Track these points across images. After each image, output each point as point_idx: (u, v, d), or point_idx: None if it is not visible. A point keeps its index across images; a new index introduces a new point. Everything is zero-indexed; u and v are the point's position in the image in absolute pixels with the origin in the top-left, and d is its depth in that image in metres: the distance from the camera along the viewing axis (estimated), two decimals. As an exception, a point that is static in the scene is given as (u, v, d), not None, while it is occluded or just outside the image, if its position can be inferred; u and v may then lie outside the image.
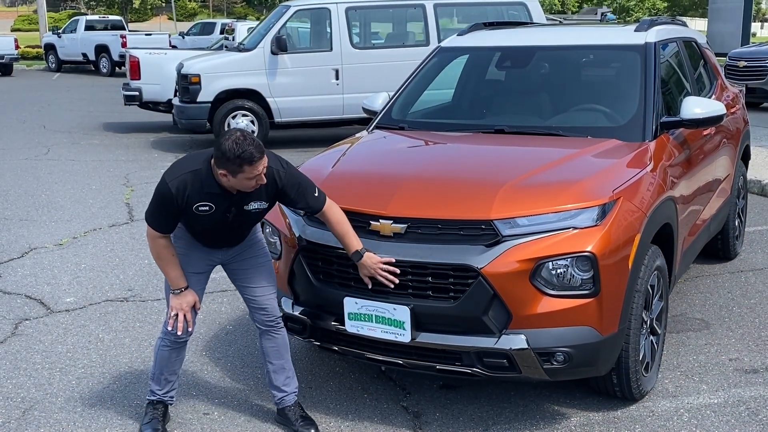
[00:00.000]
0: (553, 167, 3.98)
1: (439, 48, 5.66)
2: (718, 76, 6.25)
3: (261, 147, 3.33)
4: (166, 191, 3.40)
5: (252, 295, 3.76)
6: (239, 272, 3.76)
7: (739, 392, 4.11)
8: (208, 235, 3.59)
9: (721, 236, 6.07)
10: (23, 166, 10.64)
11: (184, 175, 3.40)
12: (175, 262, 3.54)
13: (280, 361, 3.82)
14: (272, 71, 11.59)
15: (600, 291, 3.48)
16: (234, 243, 3.70)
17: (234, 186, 3.38)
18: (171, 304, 3.55)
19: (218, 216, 3.46)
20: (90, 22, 31.03)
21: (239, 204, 3.48)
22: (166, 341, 3.71)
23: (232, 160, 3.26)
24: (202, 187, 3.39)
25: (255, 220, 3.63)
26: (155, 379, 3.79)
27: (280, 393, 3.84)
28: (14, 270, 6.25)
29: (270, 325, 3.78)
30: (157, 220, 3.48)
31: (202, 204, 3.41)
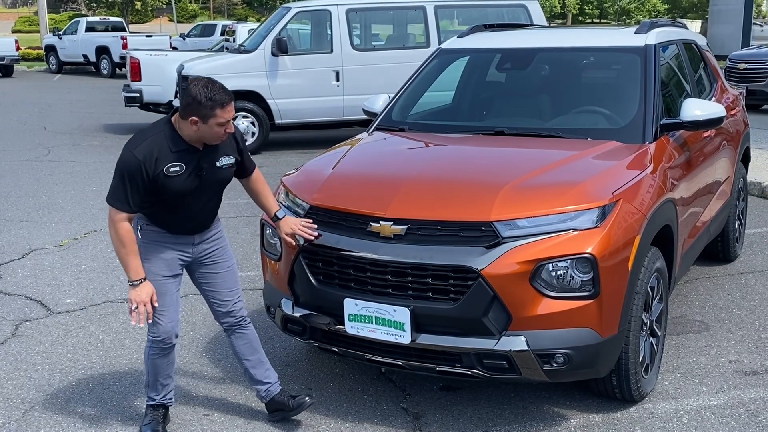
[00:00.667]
0: (554, 169, 3.98)
1: (440, 50, 5.66)
2: (718, 78, 6.26)
3: (230, 92, 3.39)
4: (131, 160, 3.31)
5: (219, 300, 3.75)
6: (208, 275, 3.72)
7: (739, 394, 4.12)
8: (181, 209, 3.49)
9: (721, 238, 6.07)
10: (24, 168, 10.64)
11: (147, 141, 3.36)
12: (136, 251, 3.43)
13: (256, 356, 3.84)
14: (273, 73, 11.60)
15: (600, 293, 3.48)
16: (205, 221, 3.64)
17: (203, 136, 3.37)
18: (130, 297, 3.42)
19: (190, 177, 3.41)
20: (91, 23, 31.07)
21: (209, 161, 3.47)
22: (154, 349, 3.67)
23: (204, 103, 3.28)
24: (169, 147, 3.36)
25: (225, 179, 3.60)
26: (151, 386, 3.77)
27: (264, 386, 3.83)
28: (15, 271, 6.25)
29: (239, 324, 3.80)
30: (122, 197, 3.35)
31: (172, 165, 3.36)
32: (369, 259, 3.64)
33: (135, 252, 3.44)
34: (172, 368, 3.78)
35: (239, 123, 11.52)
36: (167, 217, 3.54)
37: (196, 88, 3.31)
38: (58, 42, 30.49)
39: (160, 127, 3.43)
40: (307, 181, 4.23)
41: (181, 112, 3.36)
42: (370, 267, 3.66)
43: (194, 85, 3.32)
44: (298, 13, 12.02)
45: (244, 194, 3.91)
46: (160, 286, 3.54)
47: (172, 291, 3.61)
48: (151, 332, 3.64)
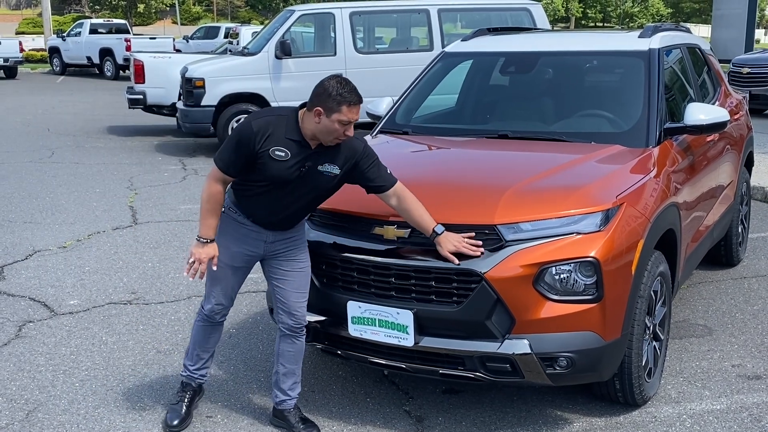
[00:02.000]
0: (557, 172, 3.99)
1: (444, 53, 5.67)
2: (721, 83, 6.26)
3: (360, 96, 3.41)
4: (247, 128, 3.40)
5: (285, 298, 3.73)
6: (279, 271, 3.72)
7: (742, 398, 4.11)
8: (270, 199, 3.51)
9: (724, 242, 6.07)
10: (27, 169, 10.66)
11: (269, 117, 3.46)
12: (217, 214, 3.52)
13: (293, 366, 3.83)
14: (276, 75, 11.62)
15: (603, 296, 3.48)
16: (288, 221, 3.63)
17: (321, 131, 3.39)
18: (192, 251, 3.51)
19: (291, 168, 3.43)
20: (94, 25, 31.14)
21: (314, 161, 3.47)
22: (201, 316, 3.83)
23: (334, 96, 3.33)
24: (284, 132, 3.42)
25: (322, 187, 3.56)
26: (189, 355, 3.92)
27: (284, 396, 3.85)
28: (18, 272, 6.27)
29: (295, 331, 3.77)
30: (226, 158, 3.43)
31: (279, 149, 3.40)
32: (372, 261, 3.65)
33: (216, 212, 3.52)
34: (213, 344, 3.91)
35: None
36: (254, 204, 3.57)
37: (330, 81, 3.37)
38: (62, 44, 30.56)
39: (287, 111, 3.51)
40: (311, 183, 4.23)
41: (309, 102, 3.41)
42: (373, 270, 3.66)
43: (329, 78, 3.39)
44: (302, 16, 12.04)
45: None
46: (218, 271, 3.63)
47: (227, 279, 3.69)
48: (202, 304, 3.81)
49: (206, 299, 3.77)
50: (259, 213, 3.58)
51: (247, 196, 3.57)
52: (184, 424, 3.83)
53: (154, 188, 9.51)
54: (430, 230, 3.53)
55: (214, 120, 11.56)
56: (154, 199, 8.89)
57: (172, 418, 3.84)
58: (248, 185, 3.53)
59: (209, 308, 3.77)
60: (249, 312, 5.42)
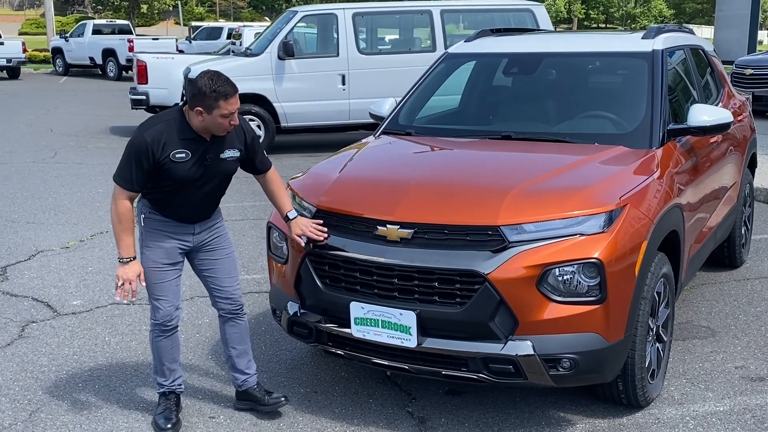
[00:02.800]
0: (560, 174, 3.98)
1: (447, 54, 5.67)
2: (725, 84, 6.25)
3: (234, 85, 3.53)
4: (141, 142, 3.48)
5: (219, 285, 3.86)
6: (207, 261, 3.84)
7: (745, 400, 4.11)
8: (183, 197, 3.63)
9: (728, 244, 6.06)
10: (30, 169, 10.67)
11: (158, 126, 3.53)
12: (131, 230, 3.59)
13: (243, 346, 3.96)
14: (279, 76, 11.62)
15: (606, 298, 3.48)
16: (206, 211, 3.77)
17: (208, 127, 3.52)
18: (118, 274, 3.58)
19: (195, 165, 3.56)
20: (97, 26, 31.17)
21: (215, 151, 3.61)
22: (156, 332, 3.81)
23: (209, 95, 3.43)
24: (178, 134, 3.52)
25: (228, 171, 3.73)
26: (158, 371, 3.90)
27: (244, 375, 3.96)
28: (21, 272, 6.27)
29: (235, 313, 3.92)
30: (127, 176, 3.52)
31: (178, 151, 3.51)
32: (375, 262, 3.65)
33: (130, 230, 3.58)
34: (177, 353, 3.90)
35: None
36: (170, 205, 3.67)
37: (202, 80, 3.46)
38: (64, 44, 30.58)
39: (172, 114, 3.60)
40: (314, 184, 4.24)
41: (189, 103, 3.52)
42: (376, 270, 3.66)
43: (200, 77, 3.50)
44: (305, 17, 12.05)
45: (251, 197, 3.93)
46: (159, 273, 3.71)
47: (171, 278, 3.75)
48: (152, 318, 3.80)
49: (155, 309, 3.76)
50: (177, 211, 3.69)
51: (160, 200, 3.67)
52: (178, 426, 3.82)
53: (157, 189, 9.50)
54: (284, 213, 3.88)
55: (216, 120, 11.55)
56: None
57: (166, 422, 3.79)
58: (158, 191, 3.63)
59: (163, 314, 3.75)
60: (251, 313, 5.42)
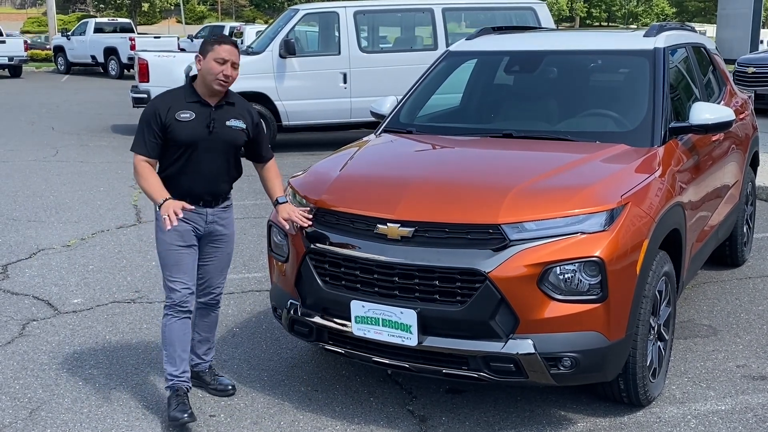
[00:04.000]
0: (562, 172, 3.97)
1: (448, 52, 5.66)
2: (727, 82, 6.24)
3: (235, 42, 3.85)
4: (149, 108, 3.80)
5: (208, 280, 4.03)
6: (206, 252, 3.97)
7: (747, 399, 4.10)
8: (191, 166, 3.79)
9: (729, 242, 6.05)
10: (32, 168, 10.68)
11: (167, 94, 3.86)
12: (157, 180, 3.76)
13: (208, 335, 4.18)
14: (280, 74, 11.61)
15: (608, 296, 3.47)
16: (216, 184, 3.89)
17: (205, 75, 3.76)
18: (161, 213, 3.62)
19: (199, 127, 3.76)
20: (99, 24, 31.19)
21: (220, 118, 3.81)
22: (170, 314, 3.86)
23: (208, 41, 3.81)
24: (184, 98, 3.80)
25: (233, 141, 3.88)
26: (169, 359, 3.89)
27: (199, 359, 4.18)
28: (22, 271, 6.27)
29: (211, 305, 4.12)
30: (140, 140, 3.78)
31: (183, 111, 3.76)
32: (376, 261, 3.64)
33: (157, 181, 3.76)
34: (188, 342, 3.95)
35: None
36: (181, 178, 3.81)
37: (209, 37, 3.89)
38: (66, 43, 30.60)
39: (183, 85, 3.93)
40: (315, 182, 4.23)
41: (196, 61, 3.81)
42: (377, 269, 3.66)
43: None
44: (306, 15, 12.04)
45: (252, 196, 3.93)
46: (175, 255, 3.83)
47: (187, 260, 3.86)
48: (167, 298, 3.87)
49: (171, 290, 3.85)
50: (188, 184, 3.82)
51: (172, 175, 3.82)
52: (194, 417, 3.81)
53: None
54: (274, 198, 4.03)
55: (217, 119, 11.56)
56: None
57: (182, 412, 3.76)
58: (168, 162, 3.82)
59: (179, 295, 3.83)
60: (252, 311, 5.41)
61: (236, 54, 3.80)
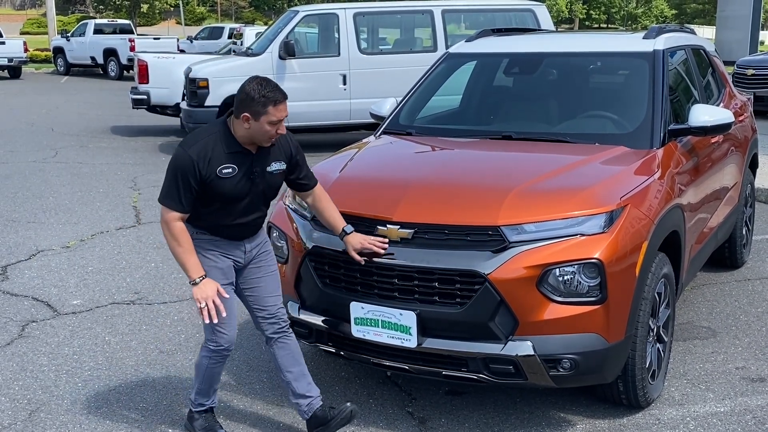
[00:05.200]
0: (561, 174, 3.98)
1: (448, 54, 5.67)
2: (726, 84, 6.25)
3: (283, 91, 3.35)
4: (185, 159, 3.29)
5: (264, 305, 3.63)
6: (251, 279, 3.62)
7: (746, 401, 4.10)
8: (231, 214, 3.43)
9: (729, 244, 6.05)
10: (31, 169, 10.67)
11: (201, 141, 3.33)
12: (192, 249, 3.36)
13: (299, 368, 3.68)
14: (280, 76, 11.60)
15: (607, 298, 3.47)
16: (255, 227, 3.56)
17: (254, 135, 3.33)
18: (195, 296, 3.32)
19: (242, 180, 3.37)
20: (99, 25, 31.15)
21: (261, 164, 3.42)
22: (214, 359, 3.58)
23: (257, 100, 3.26)
24: (223, 149, 3.33)
25: (275, 185, 3.54)
26: (203, 393, 3.70)
27: (306, 400, 3.68)
28: (21, 272, 6.27)
29: (282, 332, 3.66)
30: (174, 196, 3.32)
31: (225, 166, 3.32)
32: (376, 262, 3.64)
33: (191, 250, 3.36)
34: (220, 375, 3.73)
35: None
36: (218, 223, 3.45)
37: (250, 85, 3.29)
38: (66, 44, 30.58)
39: (216, 127, 3.40)
40: (315, 184, 4.22)
41: (235, 110, 3.34)
42: (376, 270, 3.66)
43: (248, 82, 3.31)
44: (306, 17, 12.04)
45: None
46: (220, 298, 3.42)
47: (232, 301, 3.52)
48: (212, 342, 3.54)
49: (218, 335, 3.51)
50: (227, 231, 3.48)
51: (210, 220, 3.45)
52: None
53: (158, 188, 9.41)
54: (339, 229, 3.65)
55: (217, 120, 11.57)
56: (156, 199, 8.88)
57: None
58: (207, 211, 3.42)
59: (227, 339, 3.53)
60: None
61: (287, 106, 3.37)
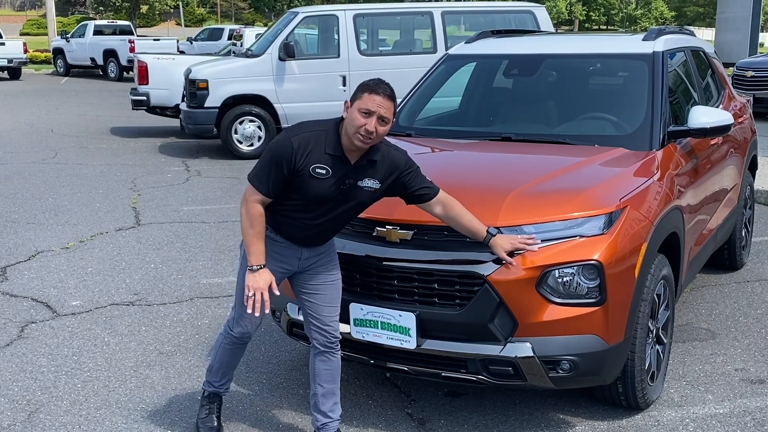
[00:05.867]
0: (560, 175, 3.98)
1: (447, 55, 5.67)
2: (725, 86, 6.25)
3: (392, 92, 3.25)
4: (286, 144, 3.22)
5: (318, 313, 3.54)
6: (309, 286, 3.54)
7: (745, 402, 4.10)
8: (305, 216, 3.35)
9: (728, 246, 6.05)
10: (31, 170, 10.67)
11: (309, 133, 3.27)
12: (263, 235, 3.30)
13: (332, 385, 3.63)
14: (280, 77, 11.62)
15: (606, 299, 3.47)
16: (321, 238, 3.47)
17: (347, 126, 3.22)
18: (248, 284, 3.28)
19: (331, 185, 3.27)
20: (99, 26, 31.16)
21: (355, 177, 3.31)
22: (228, 341, 3.64)
23: (361, 87, 3.23)
24: (324, 147, 3.25)
25: (363, 201, 3.40)
26: (214, 372, 3.75)
27: (326, 419, 3.63)
28: (21, 273, 6.27)
29: (329, 347, 3.58)
30: (264, 178, 3.24)
31: (320, 166, 3.23)
32: (375, 263, 3.64)
33: (261, 235, 3.31)
34: (238, 361, 3.76)
35: (245, 127, 11.57)
36: (290, 221, 3.39)
37: (367, 80, 3.27)
38: (66, 45, 30.59)
39: (327, 125, 3.33)
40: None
41: None
42: (376, 272, 3.66)
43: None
44: (306, 18, 12.05)
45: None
46: None
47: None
48: (229, 328, 3.60)
49: (236, 322, 3.54)
50: (293, 231, 3.41)
51: (281, 214, 3.37)
52: None
53: (157, 189, 9.51)
54: (483, 234, 3.44)
55: (217, 121, 11.58)
56: (157, 200, 8.90)
57: (210, 429, 3.72)
58: (284, 203, 3.34)
59: (240, 331, 3.56)
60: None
61: (389, 106, 3.21)
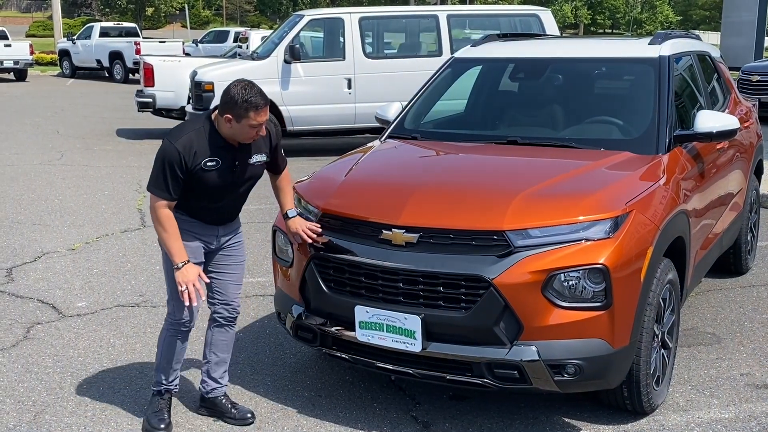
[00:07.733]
0: (566, 179, 3.98)
1: (453, 59, 5.67)
2: (731, 90, 6.24)
3: (266, 97, 3.53)
4: (172, 152, 3.48)
5: (224, 290, 3.88)
6: (219, 265, 3.86)
7: (751, 407, 4.09)
8: (211, 201, 3.66)
9: (733, 250, 6.04)
10: (37, 171, 10.70)
11: (188, 134, 3.54)
12: (177, 235, 3.57)
13: (225, 355, 3.97)
14: (285, 80, 11.64)
15: (612, 303, 3.47)
16: (232, 214, 3.82)
17: (235, 134, 3.53)
18: (178, 280, 3.54)
19: (225, 172, 3.58)
20: (104, 28, 31.25)
21: (243, 157, 3.64)
22: (171, 330, 3.80)
23: (240, 104, 3.44)
24: (208, 143, 3.54)
25: (256, 176, 3.76)
26: (162, 369, 3.87)
27: (215, 384, 3.95)
28: (27, 274, 6.28)
29: (230, 320, 3.94)
30: (162, 185, 3.52)
31: (209, 159, 3.53)
32: (380, 266, 3.65)
33: (177, 236, 3.57)
34: (183, 354, 3.91)
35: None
36: (197, 209, 3.69)
37: (236, 88, 3.47)
38: (71, 47, 30.66)
39: (201, 122, 3.60)
40: (320, 187, 4.24)
41: (220, 108, 3.53)
42: (381, 275, 3.66)
43: (233, 85, 3.50)
44: (311, 21, 12.08)
45: (255, 201, 3.95)
46: None
47: None
48: (171, 316, 3.78)
49: (178, 309, 3.73)
50: (204, 215, 3.72)
51: (189, 204, 3.66)
52: (170, 428, 3.82)
53: (163, 191, 9.51)
54: (284, 211, 3.95)
55: (222, 124, 11.59)
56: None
57: (159, 422, 3.80)
58: (188, 197, 3.62)
59: (186, 314, 3.74)
60: (256, 316, 5.42)
61: (268, 111, 3.56)
